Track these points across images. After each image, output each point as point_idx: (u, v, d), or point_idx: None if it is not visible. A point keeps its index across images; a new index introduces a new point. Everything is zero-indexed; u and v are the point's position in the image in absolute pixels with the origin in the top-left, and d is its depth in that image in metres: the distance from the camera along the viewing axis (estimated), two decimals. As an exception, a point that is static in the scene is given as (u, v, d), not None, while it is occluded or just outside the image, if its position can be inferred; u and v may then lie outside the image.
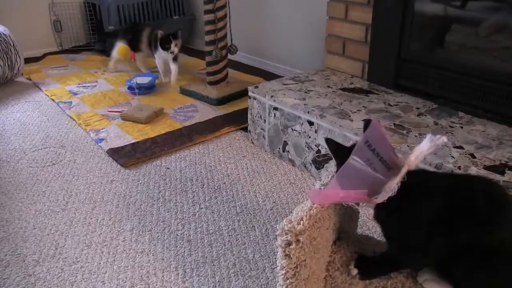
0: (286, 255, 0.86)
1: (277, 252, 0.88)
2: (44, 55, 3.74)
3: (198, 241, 1.59)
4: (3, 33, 3.01)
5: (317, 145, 1.93)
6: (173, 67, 3.08)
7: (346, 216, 1.15)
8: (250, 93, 2.23)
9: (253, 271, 1.45)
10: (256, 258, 1.51)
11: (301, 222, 0.87)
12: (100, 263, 1.50)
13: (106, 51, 3.68)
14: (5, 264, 1.50)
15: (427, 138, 0.93)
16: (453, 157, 1.56)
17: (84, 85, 3.09)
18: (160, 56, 3.08)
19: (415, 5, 2.05)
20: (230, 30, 2.78)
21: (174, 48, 2.96)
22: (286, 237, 0.86)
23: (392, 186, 0.88)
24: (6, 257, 1.53)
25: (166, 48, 2.96)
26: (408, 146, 1.65)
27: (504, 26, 1.90)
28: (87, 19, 3.87)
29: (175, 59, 3.08)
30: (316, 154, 1.96)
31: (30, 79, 3.20)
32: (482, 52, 1.99)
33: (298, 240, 0.86)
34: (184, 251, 1.54)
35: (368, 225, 1.66)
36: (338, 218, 1.06)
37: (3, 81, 3.07)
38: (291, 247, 0.86)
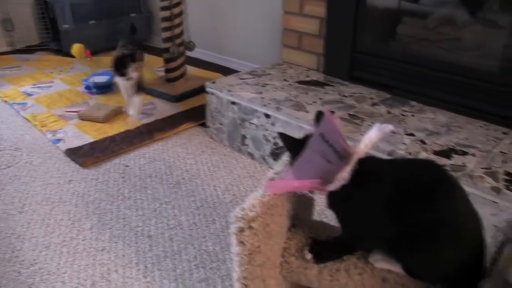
0: (240, 241, 0.89)
1: (231, 239, 0.90)
2: (-4, 56, 3.64)
3: (159, 236, 1.60)
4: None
5: (275, 138, 1.96)
6: (136, 100, 2.44)
7: (301, 203, 1.18)
8: (207, 89, 2.24)
9: (214, 263, 1.47)
10: (217, 250, 1.53)
11: (254, 209, 0.89)
12: (59, 263, 1.49)
13: (61, 51, 3.61)
14: (-39, 269, 1.47)
15: (375, 127, 0.96)
16: (404, 143, 1.62)
17: (39, 85, 3.03)
18: (121, 83, 2.44)
19: (367, -1, 2.11)
20: (187, 27, 2.78)
21: (132, 74, 2.30)
22: (239, 224, 0.88)
23: (344, 175, 0.91)
24: (-39, 262, 1.50)
25: (122, 73, 2.31)
26: (361, 135, 1.69)
27: (450, 19, 1.98)
28: (39, 18, 3.78)
29: (139, 88, 2.45)
30: (274, 147, 1.99)
31: (-18, 81, 3.11)
32: (431, 43, 2.06)
33: (251, 227, 0.88)
34: (145, 247, 1.55)
35: (326, 213, 1.70)
36: (292, 205, 1.09)
37: (-47, 83, 2.97)
38: (244, 233, 0.88)
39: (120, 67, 2.30)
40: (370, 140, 0.96)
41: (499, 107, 1.80)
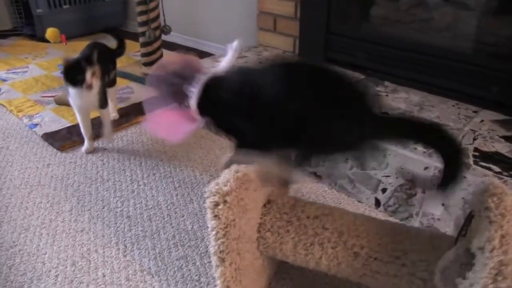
0: (215, 215, 0.92)
1: (207, 214, 0.93)
2: (-32, 42, 3.58)
3: (138, 217, 1.62)
4: None
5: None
6: (105, 119, 2.02)
7: (279, 179, 1.21)
8: (184, 72, 2.24)
9: (192, 241, 1.50)
10: (195, 229, 1.56)
11: (228, 183, 0.92)
12: (39, 245, 1.50)
13: (35, 36, 3.57)
14: None
15: (228, 49, 1.20)
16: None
17: (14, 71, 3.00)
18: (76, 102, 1.89)
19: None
20: (163, 10, 2.77)
21: (91, 80, 1.78)
22: (214, 198, 0.91)
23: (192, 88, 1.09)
24: None
25: (76, 82, 1.78)
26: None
27: (422, 1, 2.02)
28: (11, 2, 3.71)
29: (103, 102, 1.95)
30: (251, 128, 2.01)
31: (-46, 67, 3.06)
32: (403, 25, 2.10)
33: (225, 201, 0.91)
34: (124, 227, 1.57)
35: (302, 191, 1.75)
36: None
37: None
38: (219, 207, 0.91)
39: (73, 74, 1.77)
40: (227, 61, 1.19)
41: (470, 87, 1.86)
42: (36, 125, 2.27)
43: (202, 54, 3.16)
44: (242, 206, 0.96)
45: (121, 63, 3.03)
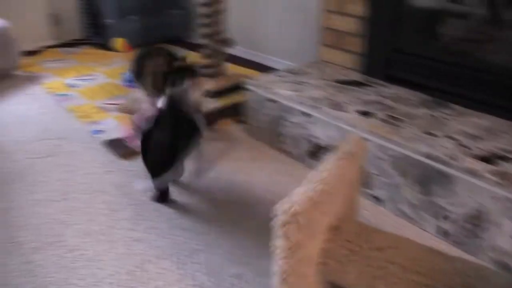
0: (283, 235, 0.89)
1: (274, 232, 0.91)
2: (42, 49, 3.74)
3: (193, 230, 1.62)
4: (2, 26, 3.02)
5: (313, 137, 1.96)
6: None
7: (344, 204, 1.17)
8: (246, 86, 2.25)
9: (247, 258, 1.48)
10: (252, 246, 1.53)
11: (300, 203, 0.90)
12: (98, 251, 1.53)
13: (103, 45, 3.69)
14: (5, 252, 1.53)
15: None
16: (445, 147, 1.59)
17: (82, 78, 3.11)
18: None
19: (409, -2, 2.08)
20: (226, 24, 2.79)
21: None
22: (284, 218, 0.88)
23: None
24: (5, 245, 1.55)
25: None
26: (401, 137, 1.67)
27: (496, 19, 1.93)
28: (84, 13, 3.87)
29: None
30: (311, 145, 1.98)
31: (28, 72, 3.21)
32: (476, 44, 2.01)
33: (295, 221, 0.88)
34: (179, 239, 1.57)
35: (362, 214, 1.69)
36: (335, 205, 1.08)
37: (1, 74, 3.08)
38: (288, 227, 0.88)
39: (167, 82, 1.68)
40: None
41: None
42: (99, 131, 2.33)
43: (263, 68, 3.17)
44: (312, 228, 0.92)
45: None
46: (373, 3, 2.19)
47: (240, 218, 1.68)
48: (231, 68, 3.18)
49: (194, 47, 3.65)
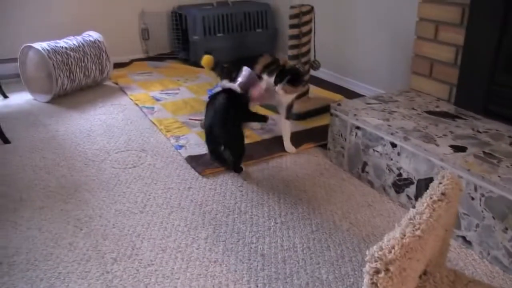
0: (373, 283, 0.83)
1: (361, 277, 0.85)
2: (131, 61, 3.90)
3: (272, 256, 1.58)
4: (98, 40, 3.18)
5: (399, 168, 1.87)
6: (285, 124, 2.37)
7: (436, 248, 1.09)
8: (332, 110, 2.20)
9: (326, 292, 1.42)
10: (330, 279, 1.47)
11: (393, 250, 0.83)
12: (173, 268, 1.52)
13: (189, 60, 3.79)
14: (87, 258, 1.56)
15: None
16: (550, 193, 1.45)
17: (167, 92, 3.19)
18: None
19: (514, 28, 1.95)
20: (314, 45, 2.77)
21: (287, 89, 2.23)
22: (376, 265, 0.82)
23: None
24: (88, 252, 1.59)
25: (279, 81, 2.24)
26: (499, 177, 1.55)
27: None
28: (173, 29, 4.00)
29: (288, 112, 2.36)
30: (397, 177, 1.89)
31: (117, 84, 3.35)
32: None
33: (387, 269, 0.82)
34: (257, 265, 1.53)
35: (459, 263, 1.58)
36: (430, 250, 1.00)
37: (93, 84, 3.23)
38: (379, 275, 0.82)
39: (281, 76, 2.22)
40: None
41: None
42: (181, 146, 2.36)
43: (349, 93, 3.10)
44: (404, 277, 0.85)
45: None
46: (472, 31, 2.07)
47: (318, 247, 1.62)
48: (317, 91, 3.14)
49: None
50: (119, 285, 1.44)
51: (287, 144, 2.37)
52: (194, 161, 2.21)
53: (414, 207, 1.03)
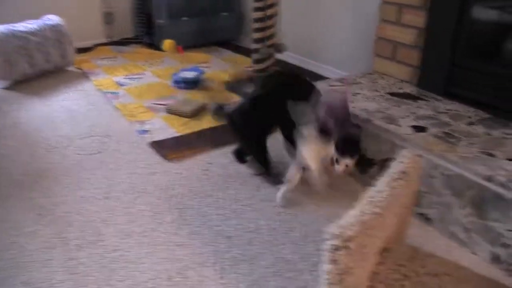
0: (333, 260, 0.84)
1: (323, 256, 0.86)
2: (95, 46, 3.82)
3: (237, 238, 1.59)
4: (58, 24, 3.09)
5: (364, 149, 1.90)
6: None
7: (396, 225, 1.12)
8: (295, 93, 2.21)
9: (291, 272, 1.44)
10: (295, 260, 1.49)
11: (352, 228, 0.85)
12: (139, 253, 1.52)
13: (153, 45, 3.73)
14: (51, 246, 1.54)
15: None
16: (505, 169, 1.50)
17: (131, 76, 3.14)
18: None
19: (472, 10, 1.99)
20: (279, 29, 2.77)
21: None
22: (335, 242, 0.84)
23: None
24: (53, 240, 1.57)
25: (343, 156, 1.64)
26: (457, 156, 1.59)
27: None
28: (137, 12, 3.93)
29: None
30: (361, 158, 1.92)
31: (80, 69, 3.27)
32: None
33: (347, 246, 0.83)
34: (223, 248, 1.54)
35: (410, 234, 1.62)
36: (389, 227, 1.03)
37: (55, 69, 3.15)
38: (339, 252, 0.83)
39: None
40: None
41: None
42: (146, 131, 2.34)
43: (315, 76, 3.12)
44: (363, 253, 0.88)
45: (232, 77, 3.07)
46: (434, 15, 2.11)
47: (283, 228, 1.64)
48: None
49: (245, 51, 3.65)
50: (83, 272, 1.43)
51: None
52: (159, 146, 2.19)
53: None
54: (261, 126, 1.90)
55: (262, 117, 1.87)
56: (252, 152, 1.97)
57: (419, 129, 1.80)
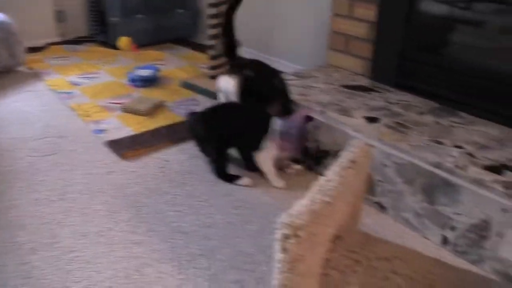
0: (283, 249, 0.86)
1: (275, 245, 0.88)
2: (47, 45, 3.72)
3: (195, 234, 1.59)
4: (5, 22, 3.00)
5: (317, 141, 1.93)
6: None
7: (347, 213, 1.14)
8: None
9: (249, 264, 1.45)
10: (252, 252, 1.51)
11: (301, 217, 0.86)
12: (96, 253, 1.50)
13: (108, 43, 3.67)
14: (4, 251, 1.50)
15: None
16: (452, 156, 1.56)
17: (86, 76, 3.08)
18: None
19: (420, 4, 2.05)
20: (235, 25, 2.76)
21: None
22: (285, 231, 0.85)
23: None
24: (5, 245, 1.53)
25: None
26: (408, 144, 1.64)
27: (508, 27, 1.90)
28: (90, 10, 3.85)
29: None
30: (317, 150, 1.95)
31: (31, 69, 3.19)
32: (486, 53, 1.98)
33: (297, 235, 0.85)
34: (180, 243, 1.54)
35: (364, 222, 1.66)
36: (339, 215, 1.05)
37: (5, 70, 3.06)
38: (289, 241, 0.85)
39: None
40: None
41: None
42: (101, 131, 2.30)
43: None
44: (313, 241, 0.89)
45: (188, 74, 3.06)
46: (384, 9, 2.16)
47: (240, 222, 1.65)
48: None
49: (201, 48, 3.63)
50: (38, 275, 1.40)
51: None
52: (115, 145, 2.16)
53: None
54: (222, 134, 1.90)
55: (223, 126, 1.91)
56: (212, 159, 1.97)
57: (371, 119, 1.84)
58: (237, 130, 1.89)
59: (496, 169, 1.49)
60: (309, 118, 1.92)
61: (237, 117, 1.92)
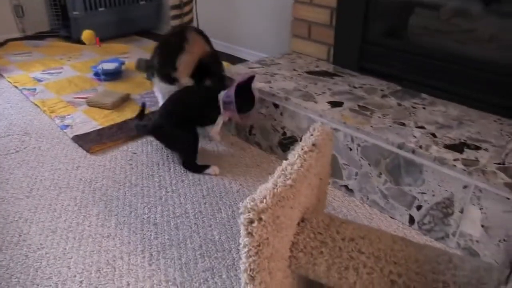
0: (248, 233, 0.87)
1: (241, 230, 0.89)
2: (6, 41, 3.64)
3: (165, 224, 1.59)
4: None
5: (283, 128, 1.95)
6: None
7: (312, 196, 1.16)
8: (216, 77, 2.22)
9: (219, 252, 1.47)
10: (223, 240, 1.52)
11: (264, 200, 0.88)
12: (65, 249, 1.49)
13: (71, 37, 3.61)
14: (-32, 252, 1.48)
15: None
16: (415, 136, 1.60)
17: (49, 71, 3.03)
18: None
19: (379, -12, 2.08)
20: (197, 15, 2.76)
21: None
22: (249, 215, 0.87)
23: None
24: (-31, 245, 1.50)
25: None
26: (372, 127, 1.67)
27: (463, 10, 1.95)
28: (50, 4, 3.77)
29: None
30: (282, 137, 1.97)
31: (-9, 66, 3.11)
32: (443, 35, 2.03)
33: (260, 218, 0.87)
34: (151, 235, 1.55)
35: (333, 205, 1.69)
36: (303, 198, 1.07)
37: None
38: (253, 225, 0.87)
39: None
40: None
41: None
42: (67, 126, 2.28)
43: (234, 60, 3.14)
44: (278, 224, 0.91)
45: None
46: (343, -7, 2.18)
47: (209, 210, 1.67)
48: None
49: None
50: (6, 274, 1.39)
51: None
52: (81, 139, 2.14)
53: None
54: (186, 124, 1.94)
55: (185, 116, 1.95)
56: (180, 152, 2.00)
57: (335, 104, 1.87)
58: (196, 113, 1.95)
59: (456, 147, 1.54)
60: (247, 81, 1.93)
61: (192, 103, 1.97)
